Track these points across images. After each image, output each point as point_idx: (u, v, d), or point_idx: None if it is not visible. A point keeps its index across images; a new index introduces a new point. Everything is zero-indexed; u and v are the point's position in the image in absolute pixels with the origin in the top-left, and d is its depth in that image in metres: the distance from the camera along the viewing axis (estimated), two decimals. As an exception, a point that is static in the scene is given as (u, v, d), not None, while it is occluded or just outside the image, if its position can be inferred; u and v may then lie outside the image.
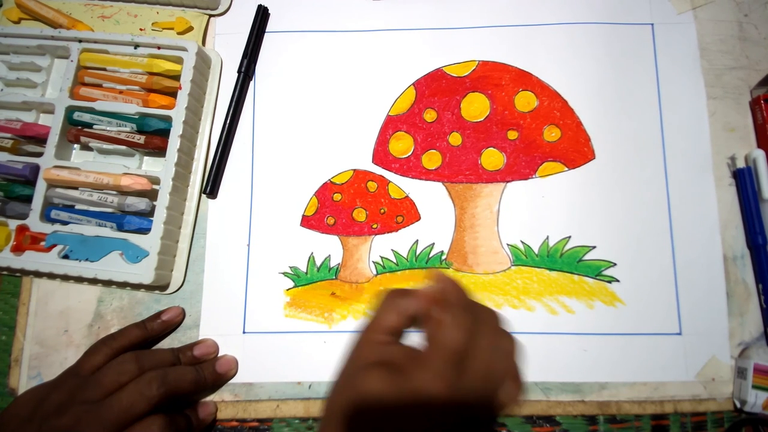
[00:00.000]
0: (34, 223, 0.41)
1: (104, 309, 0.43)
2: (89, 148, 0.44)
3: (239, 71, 0.46)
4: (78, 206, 0.42)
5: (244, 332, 0.42)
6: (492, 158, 0.44)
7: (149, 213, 0.42)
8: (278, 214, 0.44)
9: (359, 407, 0.25)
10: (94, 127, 0.43)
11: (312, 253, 0.43)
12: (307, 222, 0.44)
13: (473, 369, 0.25)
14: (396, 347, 0.27)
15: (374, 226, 0.44)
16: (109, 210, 0.42)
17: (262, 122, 0.46)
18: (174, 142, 0.42)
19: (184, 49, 0.44)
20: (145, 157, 0.45)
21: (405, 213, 0.44)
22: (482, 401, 0.25)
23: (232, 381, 0.41)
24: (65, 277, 0.42)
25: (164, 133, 0.42)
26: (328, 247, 0.43)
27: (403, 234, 0.44)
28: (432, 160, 0.44)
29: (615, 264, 0.42)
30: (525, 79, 0.45)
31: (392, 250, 0.43)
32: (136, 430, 0.33)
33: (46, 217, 0.42)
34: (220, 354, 0.41)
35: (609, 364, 0.40)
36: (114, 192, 0.42)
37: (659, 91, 0.45)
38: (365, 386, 0.25)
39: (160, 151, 0.43)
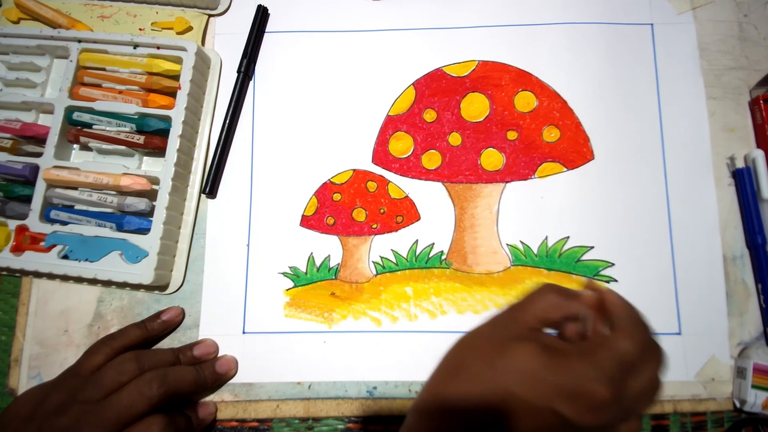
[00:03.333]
0: (34, 223, 0.41)
1: (104, 309, 0.43)
2: (89, 148, 0.44)
3: (239, 71, 0.46)
4: (78, 206, 0.42)
5: (244, 332, 0.42)
6: (491, 158, 0.44)
7: (149, 213, 0.42)
8: (278, 214, 0.44)
9: (506, 375, 0.24)
10: (94, 127, 0.43)
11: (312, 253, 0.43)
12: (306, 222, 0.44)
13: (630, 389, 0.24)
14: (550, 336, 0.26)
15: (374, 226, 0.44)
16: (109, 210, 0.42)
17: (261, 122, 0.46)
18: (173, 142, 0.42)
19: (183, 49, 0.44)
20: (145, 157, 0.45)
21: (405, 213, 0.44)
22: (615, 421, 0.25)
23: (232, 381, 0.41)
24: (65, 277, 0.42)
25: (164, 133, 0.42)
26: (327, 247, 0.44)
27: (403, 234, 0.44)
28: (432, 160, 0.44)
29: (613, 264, 0.42)
30: (525, 80, 0.45)
31: (392, 250, 0.43)
32: (136, 430, 0.33)
33: (45, 217, 0.42)
34: (220, 354, 0.41)
35: (608, 364, 0.40)
36: (114, 192, 0.42)
37: (659, 91, 0.45)
38: (518, 357, 0.24)
39: (159, 151, 0.43)
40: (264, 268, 0.43)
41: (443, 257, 0.43)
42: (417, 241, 0.43)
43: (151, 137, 0.42)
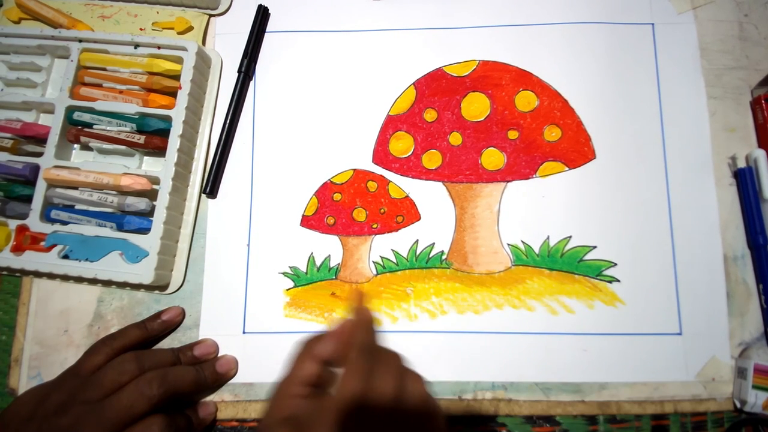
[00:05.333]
0: (34, 223, 0.41)
1: (104, 309, 0.43)
2: (89, 148, 0.44)
3: (239, 71, 0.46)
4: (78, 206, 0.42)
5: (244, 332, 0.42)
6: (492, 158, 0.44)
7: (149, 213, 0.42)
8: (278, 214, 0.44)
9: None
10: (94, 127, 0.43)
11: (312, 253, 0.43)
12: (307, 222, 0.44)
13: (375, 415, 0.25)
14: (306, 402, 0.27)
15: (374, 225, 0.44)
16: (109, 210, 0.42)
17: (262, 122, 0.46)
18: (174, 142, 0.42)
19: (184, 49, 0.44)
20: (145, 157, 0.45)
21: (405, 213, 0.44)
22: None
23: (232, 381, 0.41)
24: (65, 277, 0.42)
25: (164, 133, 0.42)
26: (328, 247, 0.43)
27: (403, 234, 0.44)
28: (432, 159, 0.44)
29: (615, 264, 0.42)
30: (525, 79, 0.45)
31: (392, 250, 0.43)
32: (137, 430, 0.33)
33: (46, 217, 0.42)
34: (220, 354, 0.41)
35: (609, 364, 0.40)
36: (114, 192, 0.42)
37: (659, 91, 0.45)
38: None
39: (160, 151, 0.43)
40: (264, 268, 0.43)
41: (444, 257, 0.43)
42: (417, 241, 0.43)
43: (152, 137, 0.42)
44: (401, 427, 0.25)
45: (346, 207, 0.44)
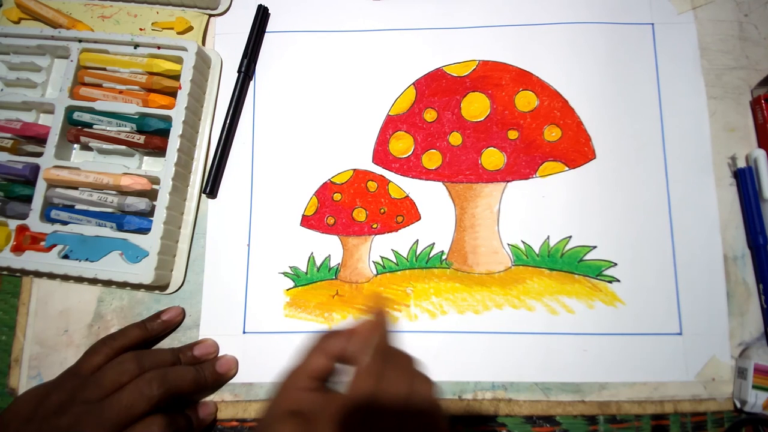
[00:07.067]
0: (34, 223, 0.41)
1: (104, 309, 0.43)
2: (89, 148, 0.44)
3: (239, 71, 0.46)
4: (78, 206, 0.42)
5: (244, 332, 0.42)
6: (492, 158, 0.44)
7: (149, 213, 0.42)
8: (278, 214, 0.44)
9: None
10: (94, 127, 0.43)
11: (312, 253, 0.43)
12: (307, 222, 0.44)
13: (381, 417, 0.25)
14: (315, 395, 0.27)
15: (374, 225, 0.44)
16: (109, 210, 0.42)
17: (262, 122, 0.46)
18: (174, 142, 0.42)
19: (184, 49, 0.44)
20: (145, 157, 0.45)
21: (405, 213, 0.44)
22: None
23: (232, 381, 0.41)
24: (65, 277, 0.42)
25: (164, 133, 0.42)
26: (328, 247, 0.43)
27: (404, 234, 0.44)
28: (432, 159, 0.44)
29: (615, 264, 0.42)
30: (525, 79, 0.45)
31: (392, 250, 0.43)
32: (137, 430, 0.33)
33: (46, 217, 0.42)
34: (220, 354, 0.41)
35: (609, 364, 0.40)
36: (114, 192, 0.42)
37: (659, 91, 0.45)
38: None
39: (160, 151, 0.43)
40: (264, 268, 0.43)
41: (444, 257, 0.43)
42: (417, 241, 0.43)
43: (152, 137, 0.42)
44: (404, 429, 0.25)
45: (346, 207, 0.44)
